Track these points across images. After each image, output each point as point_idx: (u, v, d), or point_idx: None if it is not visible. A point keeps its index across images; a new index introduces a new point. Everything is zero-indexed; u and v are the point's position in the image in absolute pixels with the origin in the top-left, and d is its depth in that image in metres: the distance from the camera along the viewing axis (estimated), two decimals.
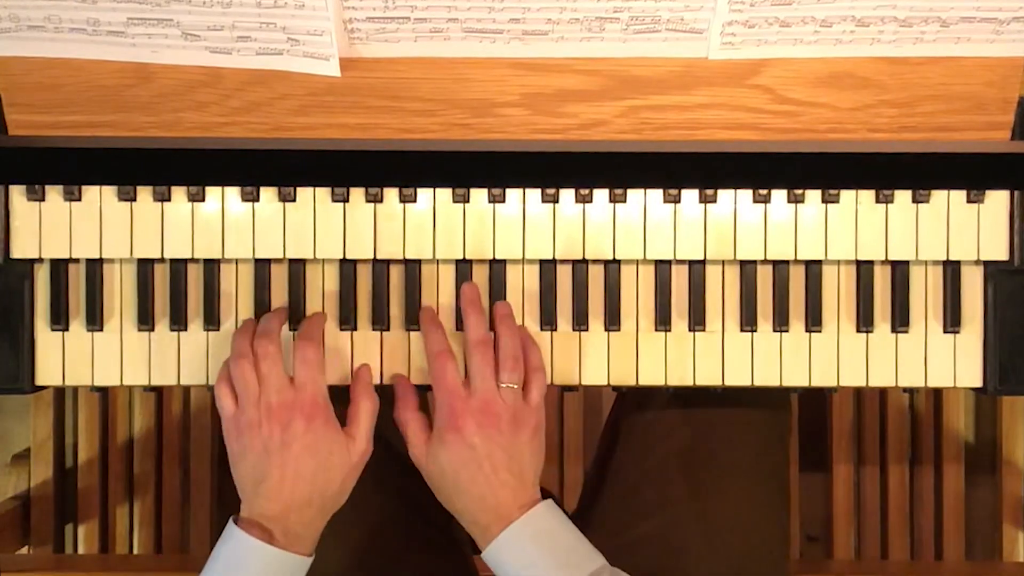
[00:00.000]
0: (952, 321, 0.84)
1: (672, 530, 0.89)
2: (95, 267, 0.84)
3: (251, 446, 0.76)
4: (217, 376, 0.80)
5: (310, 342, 0.79)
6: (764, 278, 0.85)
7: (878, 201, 0.83)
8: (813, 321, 0.84)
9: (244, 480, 0.77)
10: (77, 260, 0.84)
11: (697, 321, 0.84)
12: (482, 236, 0.83)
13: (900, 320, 0.84)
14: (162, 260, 0.84)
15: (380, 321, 0.84)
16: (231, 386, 0.78)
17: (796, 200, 0.83)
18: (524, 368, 0.80)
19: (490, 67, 0.74)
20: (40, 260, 0.84)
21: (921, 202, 0.83)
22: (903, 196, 0.83)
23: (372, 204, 0.83)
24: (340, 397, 0.82)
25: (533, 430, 0.79)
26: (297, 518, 0.76)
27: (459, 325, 0.84)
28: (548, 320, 0.84)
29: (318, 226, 0.83)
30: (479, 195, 0.83)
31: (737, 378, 0.84)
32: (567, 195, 0.83)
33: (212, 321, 0.84)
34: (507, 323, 0.81)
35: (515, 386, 0.78)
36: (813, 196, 0.83)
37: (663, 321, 0.84)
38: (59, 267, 0.84)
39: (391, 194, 0.83)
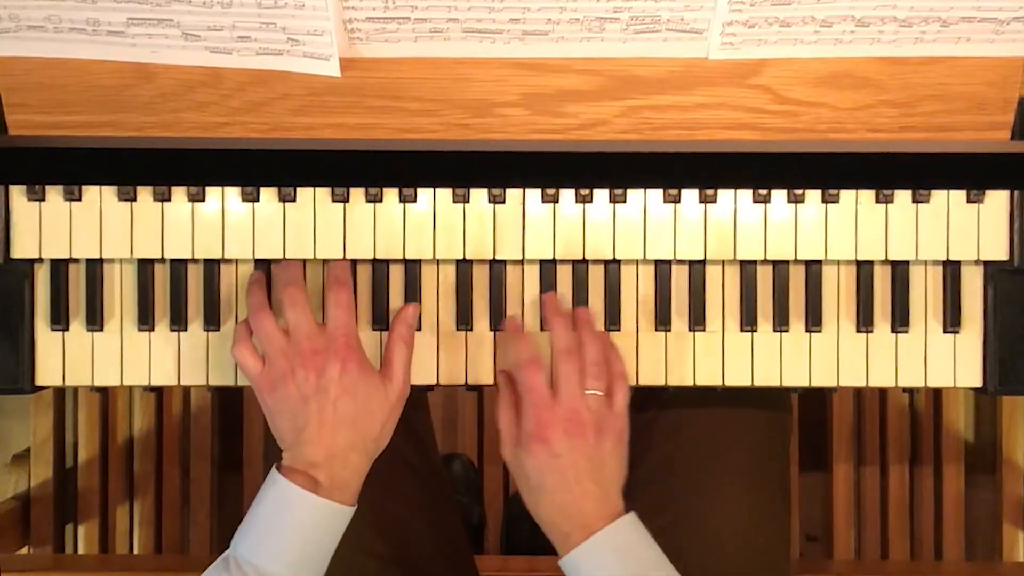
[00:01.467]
0: (952, 321, 0.84)
1: (672, 530, 0.89)
2: (95, 267, 0.84)
3: (287, 396, 0.75)
4: (234, 339, 0.79)
5: (343, 285, 0.78)
6: (764, 278, 0.85)
7: (878, 201, 0.83)
8: (813, 321, 0.84)
9: (284, 432, 0.76)
10: (77, 260, 0.84)
11: (697, 321, 0.84)
12: (482, 236, 0.83)
13: (900, 320, 0.84)
14: (162, 260, 0.84)
15: (380, 321, 0.84)
16: (250, 345, 0.78)
17: (796, 200, 0.83)
18: (609, 376, 0.79)
19: (490, 67, 0.74)
20: (40, 260, 0.84)
21: (921, 202, 0.83)
22: (903, 196, 0.83)
23: (372, 204, 0.83)
24: None
25: (617, 437, 0.78)
26: (342, 463, 0.75)
27: (459, 325, 0.84)
28: None
29: (318, 226, 0.83)
30: (479, 195, 0.83)
31: (737, 378, 0.84)
32: (567, 195, 0.83)
33: (212, 321, 0.84)
34: (589, 329, 0.81)
35: (600, 393, 0.78)
36: (813, 196, 0.83)
37: (663, 321, 0.84)
38: (59, 267, 0.84)
39: (391, 194, 0.83)
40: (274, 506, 0.74)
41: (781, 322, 0.84)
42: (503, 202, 0.83)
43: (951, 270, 0.84)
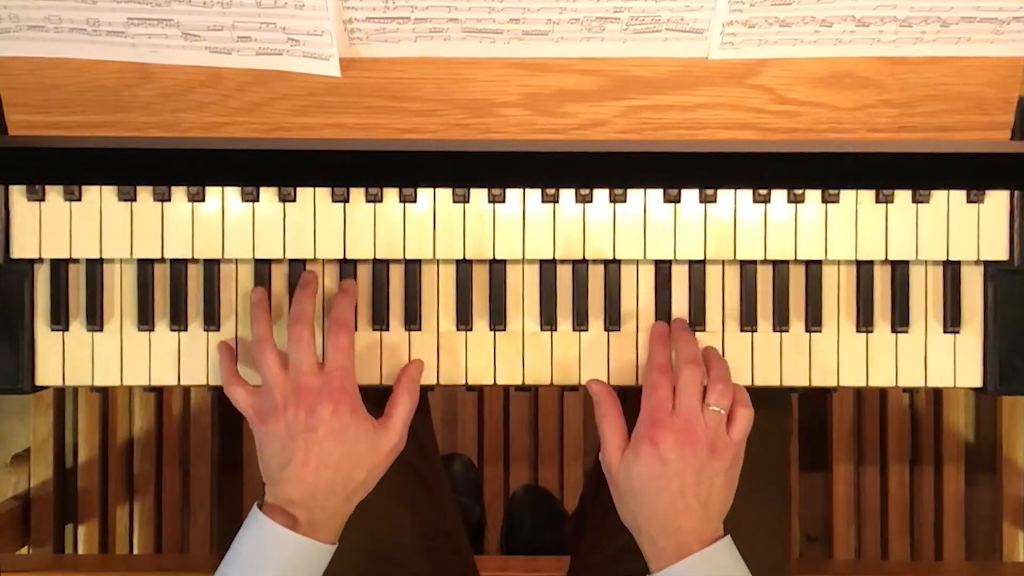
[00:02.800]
0: (952, 321, 0.84)
1: None
2: (95, 267, 0.84)
3: (275, 430, 0.76)
4: (222, 376, 0.80)
5: (343, 328, 0.78)
6: (764, 278, 0.85)
7: (878, 201, 0.83)
8: (813, 321, 0.84)
9: (269, 464, 0.77)
10: (77, 260, 0.84)
11: (697, 321, 0.84)
12: (482, 236, 0.83)
13: (900, 320, 0.84)
14: (162, 260, 0.84)
15: (380, 321, 0.84)
16: (238, 378, 0.79)
17: (796, 200, 0.83)
18: (732, 400, 0.78)
19: (490, 67, 0.74)
20: (40, 260, 0.84)
21: (921, 202, 0.83)
22: (903, 196, 0.83)
23: (372, 204, 0.83)
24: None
25: (730, 463, 0.77)
26: (322, 504, 0.75)
27: (459, 325, 0.84)
28: (548, 320, 0.84)
29: (318, 226, 0.83)
30: (479, 195, 0.83)
31: (737, 378, 0.84)
32: (567, 195, 0.83)
33: (212, 321, 0.84)
34: (716, 355, 0.81)
35: (722, 411, 0.77)
36: (813, 196, 0.83)
37: (663, 321, 0.84)
38: (59, 267, 0.84)
39: (391, 194, 0.83)
40: (255, 543, 0.74)
41: (781, 322, 0.84)
42: (503, 202, 0.83)
43: (951, 270, 0.84)
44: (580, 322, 0.84)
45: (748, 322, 0.84)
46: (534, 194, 0.83)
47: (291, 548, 0.73)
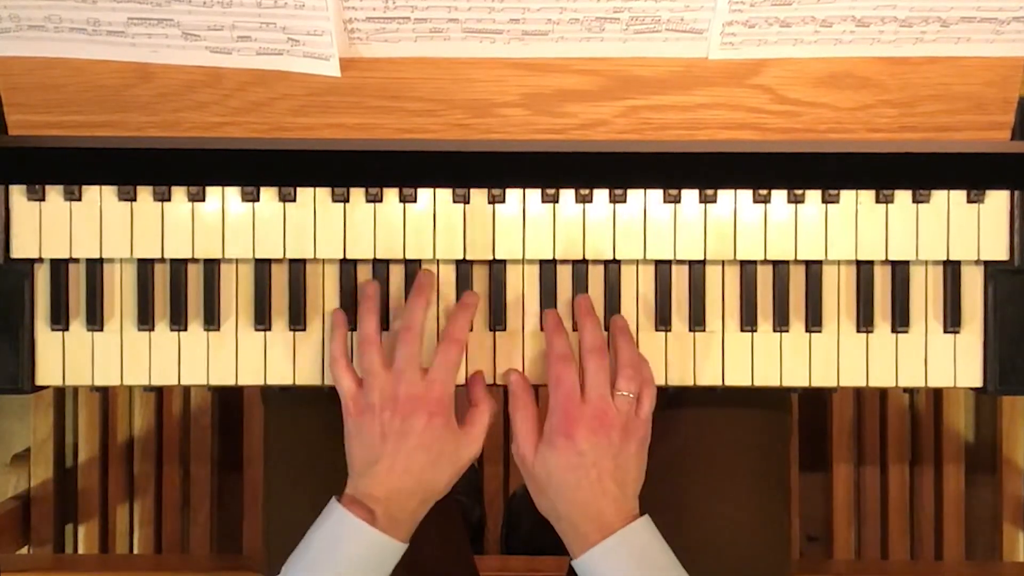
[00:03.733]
0: (952, 321, 0.84)
1: (672, 530, 0.89)
2: (95, 267, 0.84)
3: (368, 428, 0.77)
4: (332, 355, 0.80)
5: (456, 344, 0.79)
6: (764, 278, 0.85)
7: (878, 201, 0.83)
8: (813, 321, 0.84)
9: (355, 457, 0.78)
10: (77, 260, 0.84)
11: (697, 321, 0.84)
12: (482, 236, 0.83)
13: (900, 320, 0.84)
14: (162, 260, 0.84)
15: (380, 321, 0.84)
16: (349, 366, 0.80)
17: (796, 200, 0.83)
18: (640, 380, 0.79)
19: (490, 67, 0.74)
20: (40, 260, 0.84)
21: (921, 202, 0.83)
22: (903, 196, 0.83)
23: (372, 204, 0.83)
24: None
25: (640, 442, 0.79)
26: (399, 505, 0.76)
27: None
28: None
29: (318, 226, 0.83)
30: (479, 195, 0.83)
31: (737, 378, 0.84)
32: (567, 195, 0.83)
33: (212, 321, 0.84)
34: (625, 334, 0.81)
35: (631, 395, 0.78)
36: (813, 196, 0.83)
37: (663, 321, 0.84)
38: (59, 267, 0.84)
39: (391, 194, 0.83)
40: (330, 534, 0.75)
41: (781, 322, 0.84)
42: (503, 202, 0.83)
43: (951, 270, 0.84)
44: None
45: (748, 322, 0.84)
46: (534, 194, 0.83)
47: (366, 542, 0.74)
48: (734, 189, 0.82)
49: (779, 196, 0.83)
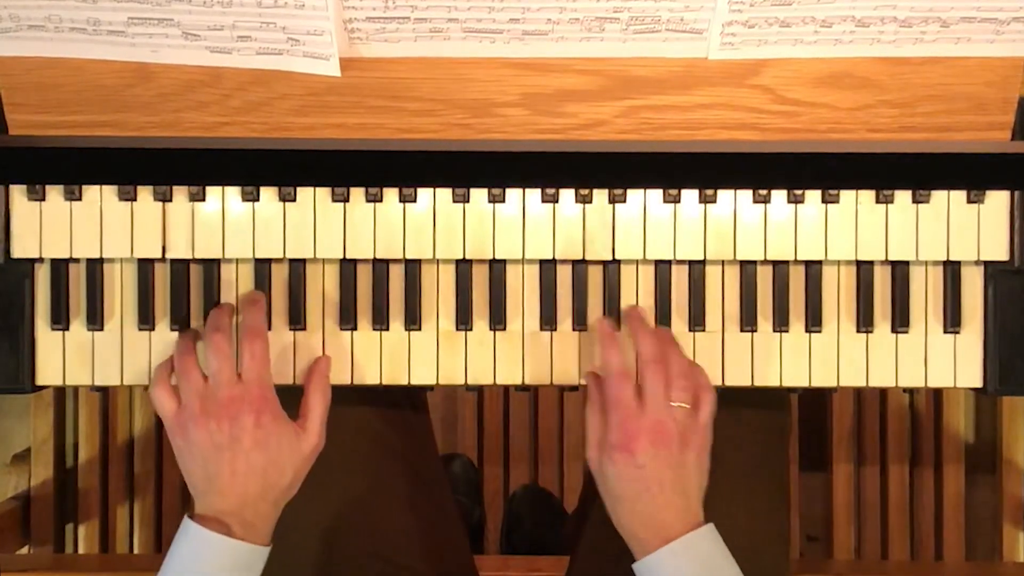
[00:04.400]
0: (952, 321, 0.84)
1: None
2: (95, 267, 0.84)
3: (199, 442, 0.76)
4: (153, 378, 0.80)
5: (257, 336, 0.78)
6: (764, 278, 0.85)
7: (878, 201, 0.83)
8: (813, 321, 0.84)
9: (194, 476, 0.77)
10: (77, 260, 0.84)
11: (697, 321, 0.84)
12: (482, 236, 0.83)
13: (900, 320, 0.84)
14: (162, 260, 0.84)
15: (380, 321, 0.84)
16: (168, 387, 0.79)
17: (796, 200, 0.83)
18: (695, 387, 0.79)
19: (490, 67, 0.74)
20: (40, 260, 0.84)
21: (921, 202, 0.83)
22: (903, 196, 0.83)
23: (372, 204, 0.83)
24: (344, 397, 0.82)
25: (700, 449, 0.78)
26: (252, 511, 0.76)
27: (459, 325, 0.84)
28: (548, 320, 0.84)
29: (318, 226, 0.83)
30: (479, 195, 0.83)
31: (737, 378, 0.84)
32: (567, 195, 0.83)
33: None
34: (673, 343, 0.81)
35: (686, 405, 0.77)
36: (813, 196, 0.83)
37: (663, 321, 0.84)
38: (59, 267, 0.84)
39: (391, 194, 0.83)
40: (191, 554, 0.74)
41: (781, 322, 0.84)
42: (503, 202, 0.83)
43: (951, 270, 0.84)
44: (580, 322, 0.84)
45: (748, 322, 0.84)
46: (534, 194, 0.83)
47: (228, 553, 0.74)
48: (734, 189, 0.82)
49: (779, 196, 0.83)
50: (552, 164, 0.64)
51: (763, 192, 0.83)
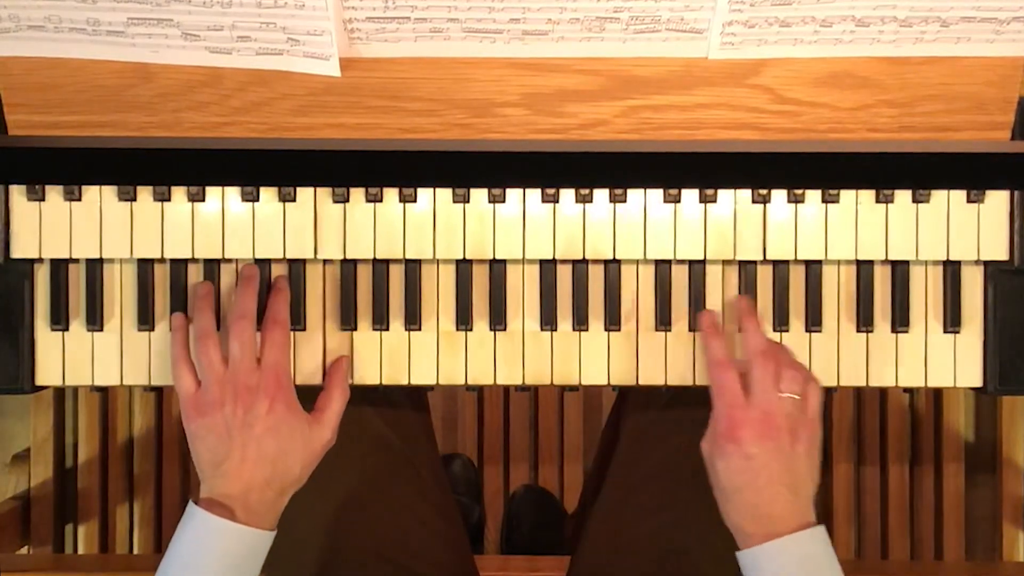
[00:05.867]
0: (952, 321, 0.84)
1: (672, 530, 0.89)
2: (95, 267, 0.84)
3: (212, 426, 0.76)
4: (173, 355, 0.80)
5: (279, 325, 0.79)
6: (764, 278, 0.85)
7: (878, 201, 0.83)
8: (813, 321, 0.84)
9: (203, 460, 0.77)
10: (77, 260, 0.84)
11: (697, 321, 0.84)
12: (482, 236, 0.83)
13: (900, 320, 0.84)
14: (162, 260, 0.84)
15: (380, 321, 0.84)
16: (190, 365, 0.79)
17: (796, 200, 0.83)
18: (803, 379, 0.78)
19: (490, 67, 0.74)
20: (40, 260, 0.84)
21: (921, 202, 0.83)
22: (903, 196, 0.83)
23: (372, 204, 0.83)
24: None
25: (810, 442, 0.77)
26: (257, 498, 0.76)
27: (459, 325, 0.84)
28: (548, 320, 0.84)
29: (318, 226, 0.83)
30: (479, 195, 0.83)
31: None
32: (567, 195, 0.83)
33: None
34: (778, 342, 0.81)
35: (796, 396, 0.76)
36: (813, 196, 0.83)
37: (663, 321, 0.84)
38: (59, 267, 0.84)
39: (391, 194, 0.83)
40: (195, 538, 0.74)
41: (781, 322, 0.84)
42: (503, 202, 0.83)
43: (951, 270, 0.84)
44: (580, 322, 0.84)
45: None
46: (534, 194, 0.83)
47: (232, 538, 0.74)
48: (734, 189, 0.82)
49: (779, 196, 0.83)
50: (552, 164, 0.64)
51: (763, 192, 0.83)
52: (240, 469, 0.75)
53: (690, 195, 0.83)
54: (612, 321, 0.84)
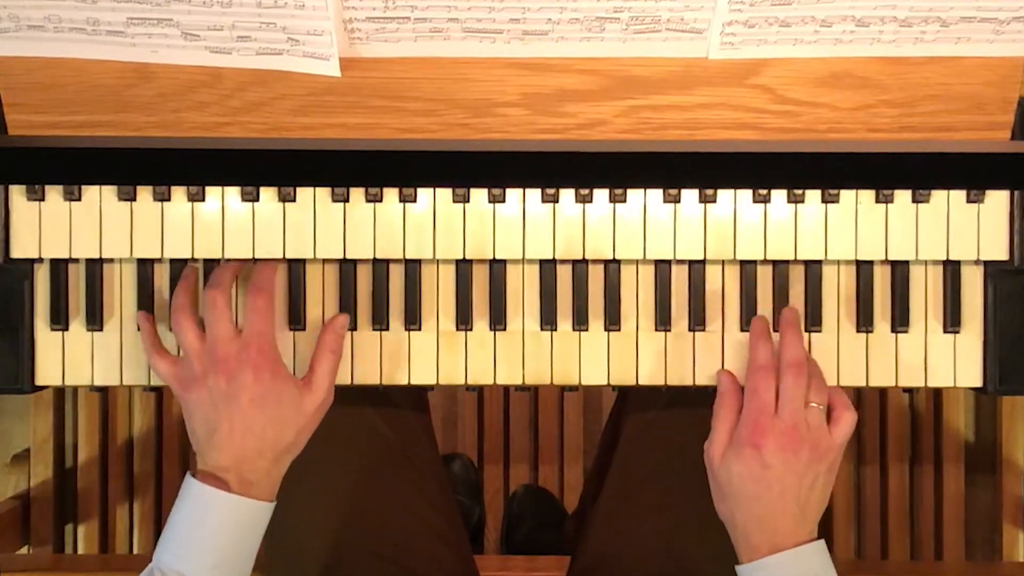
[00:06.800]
0: (952, 321, 0.84)
1: (672, 531, 0.89)
2: (95, 267, 0.84)
3: (199, 399, 0.76)
4: (145, 348, 0.81)
5: (261, 291, 0.78)
6: (764, 278, 0.85)
7: (878, 201, 0.83)
8: (813, 321, 0.84)
9: (197, 434, 0.77)
10: (77, 260, 0.84)
11: (697, 321, 0.84)
12: (482, 236, 0.83)
13: (900, 320, 0.84)
14: (162, 260, 0.84)
15: (380, 321, 0.84)
16: (162, 351, 0.80)
17: (796, 200, 0.83)
18: (834, 402, 0.78)
19: (490, 67, 0.74)
20: (40, 260, 0.84)
21: (921, 202, 0.83)
22: (903, 196, 0.83)
23: (372, 204, 0.83)
24: (345, 397, 0.82)
25: (829, 465, 0.77)
26: (250, 467, 0.76)
27: (459, 325, 0.84)
28: (548, 320, 0.84)
29: (318, 226, 0.83)
30: (479, 195, 0.83)
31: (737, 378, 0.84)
32: (567, 195, 0.83)
33: None
34: (814, 361, 0.81)
35: (822, 407, 0.77)
36: (813, 196, 0.83)
37: (663, 321, 0.84)
38: (59, 267, 0.84)
39: (391, 194, 0.83)
40: (192, 510, 0.74)
41: None
42: (503, 202, 0.83)
43: (951, 270, 0.84)
44: (580, 322, 0.84)
45: (748, 322, 0.84)
46: (534, 194, 0.83)
47: (229, 508, 0.74)
48: (734, 189, 0.82)
49: (779, 196, 0.83)
50: (552, 164, 0.64)
51: (763, 192, 0.83)
52: (230, 441, 0.75)
53: (690, 195, 0.83)
54: (612, 321, 0.84)
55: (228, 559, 0.74)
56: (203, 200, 0.83)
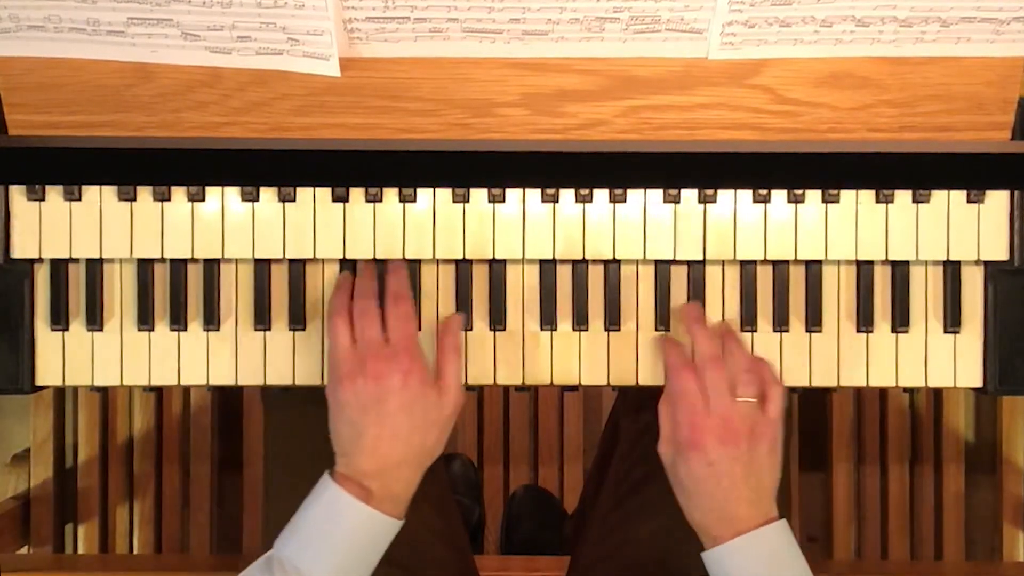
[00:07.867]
0: (952, 321, 0.84)
1: (672, 530, 0.89)
2: (95, 267, 0.84)
3: (346, 402, 0.76)
4: (330, 310, 0.80)
5: (402, 298, 0.79)
6: (764, 278, 0.85)
7: (878, 201, 0.83)
8: (813, 321, 0.84)
9: (341, 435, 0.77)
10: (77, 260, 0.84)
11: None
12: (482, 236, 0.83)
13: (900, 320, 0.84)
14: (162, 260, 0.84)
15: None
16: (347, 320, 0.79)
17: (796, 200, 0.83)
18: (760, 380, 0.79)
19: (490, 67, 0.74)
20: (40, 260, 0.84)
21: (921, 202, 0.83)
22: (903, 196, 0.83)
23: (372, 204, 0.83)
24: None
25: (771, 443, 0.77)
26: (395, 476, 0.76)
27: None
28: (548, 320, 0.84)
29: (318, 226, 0.83)
30: (479, 195, 0.83)
31: None
32: (567, 195, 0.83)
33: (212, 321, 0.84)
34: (734, 338, 0.81)
35: (752, 400, 0.77)
36: (813, 196, 0.83)
37: (663, 321, 0.84)
38: (59, 267, 0.84)
39: (391, 194, 0.83)
40: (324, 512, 0.74)
41: (781, 322, 0.84)
42: (503, 202, 0.83)
43: (951, 270, 0.84)
44: (580, 322, 0.84)
45: (748, 322, 0.84)
46: (534, 194, 0.83)
47: (361, 520, 0.74)
48: (734, 189, 0.82)
49: (779, 196, 0.83)
50: (552, 164, 0.64)
51: (763, 192, 0.83)
52: (376, 446, 0.75)
53: (690, 195, 0.83)
54: (612, 321, 0.84)
55: (349, 567, 0.74)
56: (203, 200, 0.83)
